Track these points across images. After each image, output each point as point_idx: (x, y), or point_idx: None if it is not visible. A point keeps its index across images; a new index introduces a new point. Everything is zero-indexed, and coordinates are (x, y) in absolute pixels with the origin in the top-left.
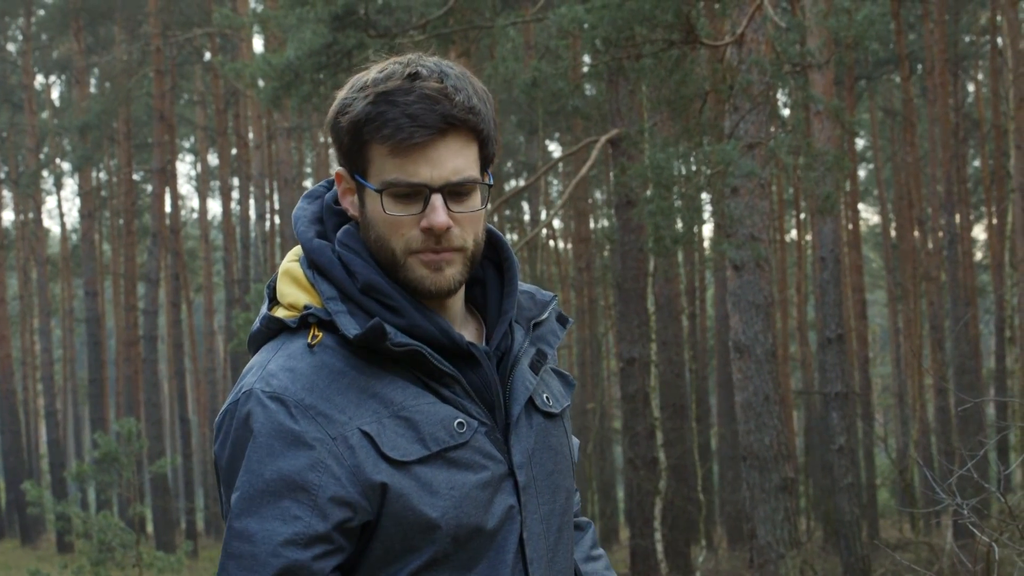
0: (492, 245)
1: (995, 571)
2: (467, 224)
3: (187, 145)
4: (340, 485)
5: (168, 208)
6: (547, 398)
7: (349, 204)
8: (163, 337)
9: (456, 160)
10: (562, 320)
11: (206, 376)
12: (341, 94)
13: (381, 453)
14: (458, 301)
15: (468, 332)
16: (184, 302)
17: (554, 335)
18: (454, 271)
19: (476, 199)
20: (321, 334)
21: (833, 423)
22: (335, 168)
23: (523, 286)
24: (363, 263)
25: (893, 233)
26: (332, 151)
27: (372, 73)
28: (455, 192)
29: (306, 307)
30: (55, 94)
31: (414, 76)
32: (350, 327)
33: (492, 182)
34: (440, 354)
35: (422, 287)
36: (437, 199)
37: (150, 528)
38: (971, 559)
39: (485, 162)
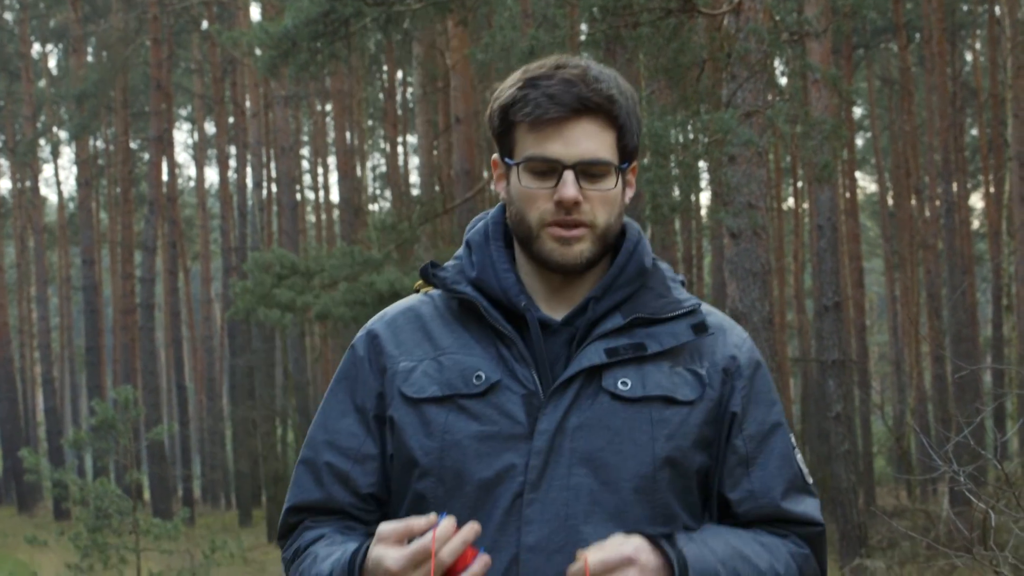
0: (621, 235)
1: (991, 538)
2: (598, 203)
3: (184, 114)
4: (365, 394)
5: (165, 176)
6: (623, 382)
7: (501, 188)
8: (160, 305)
9: (590, 142)
10: (698, 329)
11: (203, 344)
12: (498, 87)
13: (401, 389)
14: (591, 276)
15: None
16: (181, 270)
17: (672, 336)
18: (583, 247)
19: (610, 181)
20: (429, 288)
21: (830, 391)
22: (493, 156)
23: (681, 294)
24: (483, 228)
25: (890, 201)
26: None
27: (529, 67)
28: (588, 172)
29: (431, 264)
30: (52, 63)
31: (560, 66)
32: (431, 276)
33: (631, 166)
34: (500, 312)
35: (551, 259)
36: (569, 174)
37: (147, 495)
38: (967, 526)
39: (624, 152)
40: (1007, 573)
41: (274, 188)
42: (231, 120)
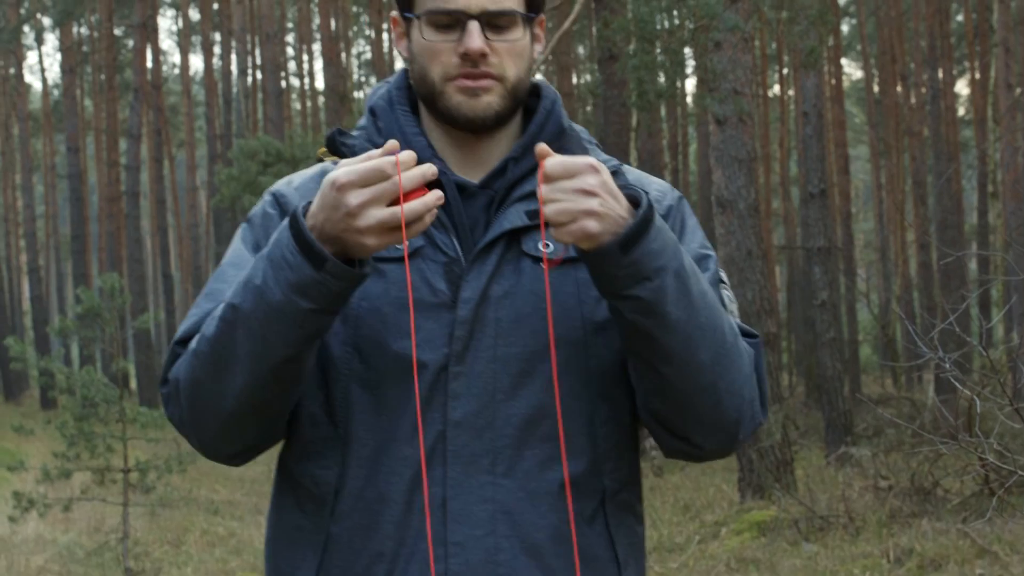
0: (536, 96)
1: (977, 424)
2: (506, 55)
3: (168, 0)
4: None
5: (150, 63)
6: (544, 244)
7: (402, 48)
8: (145, 193)
9: None
10: (624, 189)
11: (189, 232)
12: None
13: None
14: (505, 138)
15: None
16: (166, 158)
17: None
18: (491, 99)
19: (517, 32)
20: (334, 157)
21: (815, 278)
22: (392, 14)
23: (600, 155)
24: (386, 94)
25: (876, 88)
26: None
27: None
28: (493, 23)
29: (338, 131)
30: None
31: None
32: (338, 144)
33: (538, 17)
34: None
35: (459, 113)
36: (474, 25)
37: (133, 384)
38: (953, 413)
39: (531, 3)
40: (992, 459)
41: (259, 75)
42: (215, 6)
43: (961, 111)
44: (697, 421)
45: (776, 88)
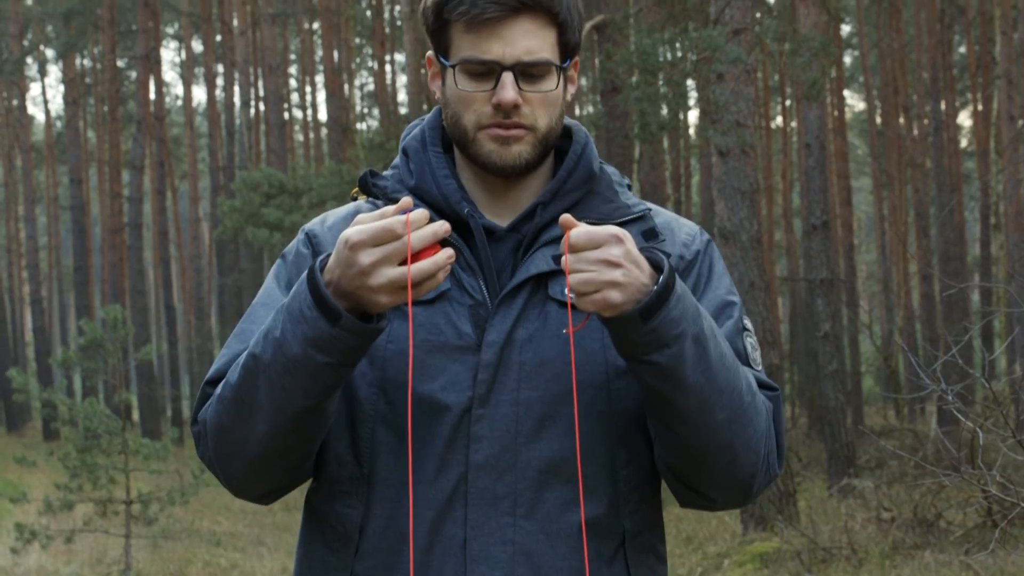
0: (567, 138)
1: (979, 456)
2: (538, 105)
3: (171, 31)
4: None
5: (152, 95)
6: (569, 296)
7: (436, 88)
8: (148, 224)
9: (529, 40)
10: (648, 235)
11: (191, 263)
12: None
13: None
14: (535, 181)
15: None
16: (169, 189)
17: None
18: (522, 148)
19: (551, 82)
20: (366, 197)
21: (818, 310)
22: (428, 54)
23: (631, 199)
24: (419, 134)
25: (879, 120)
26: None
27: None
28: (527, 73)
29: (370, 172)
30: None
31: None
32: (370, 185)
33: (569, 68)
34: (448, 221)
35: (489, 161)
36: (507, 76)
37: (136, 415)
38: (955, 445)
39: (565, 49)
40: (995, 491)
41: (262, 107)
42: (218, 38)
43: (963, 143)
44: (712, 477)
45: (779, 120)
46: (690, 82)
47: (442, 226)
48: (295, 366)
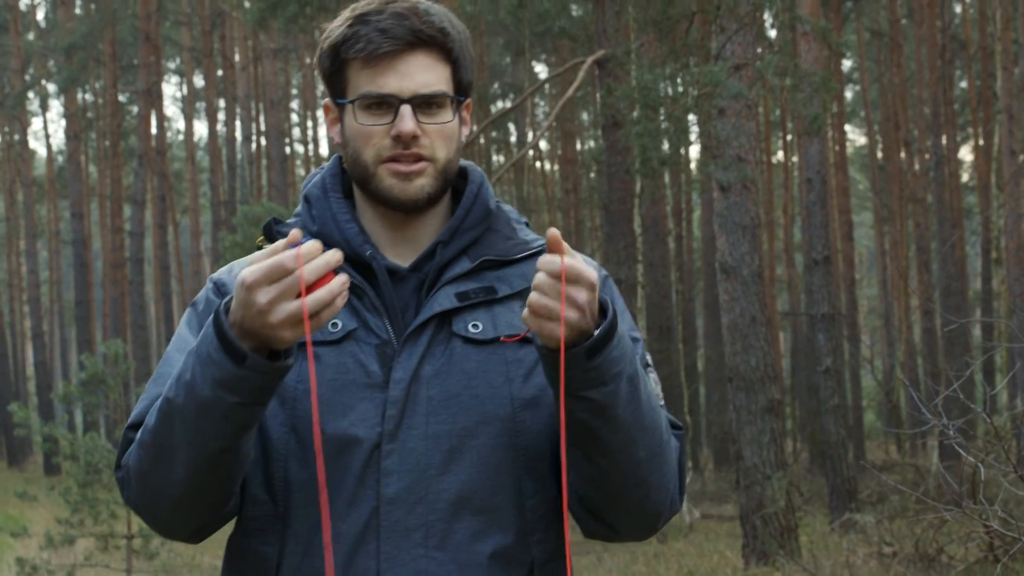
0: (463, 178)
1: (981, 491)
2: (437, 137)
3: (173, 66)
4: None
5: (154, 130)
6: (474, 325)
7: (335, 134)
8: (149, 259)
9: (426, 74)
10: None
11: (192, 298)
12: (326, 28)
13: None
14: (434, 219)
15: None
16: (170, 224)
17: (522, 278)
18: (423, 182)
19: (447, 114)
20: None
21: (819, 345)
22: (324, 101)
23: (528, 235)
24: (320, 181)
25: (880, 155)
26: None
27: (357, 4)
28: (425, 104)
29: (273, 220)
30: (40, 15)
31: (390, 1)
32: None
33: (465, 101)
34: (346, 264)
35: (391, 196)
36: (406, 108)
37: None
38: (957, 480)
39: (459, 87)
40: (996, 526)
41: (263, 141)
42: (220, 73)
43: (965, 177)
44: (624, 511)
45: (780, 155)
46: (691, 117)
47: (334, 255)
48: (206, 408)
